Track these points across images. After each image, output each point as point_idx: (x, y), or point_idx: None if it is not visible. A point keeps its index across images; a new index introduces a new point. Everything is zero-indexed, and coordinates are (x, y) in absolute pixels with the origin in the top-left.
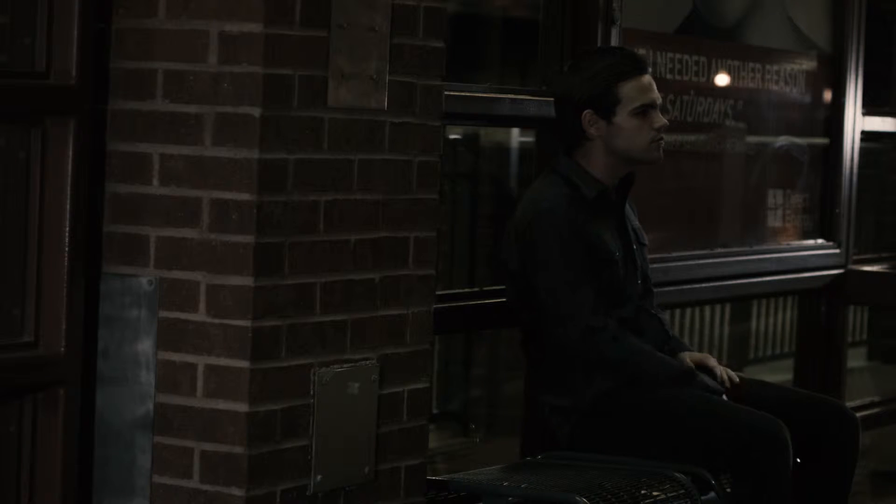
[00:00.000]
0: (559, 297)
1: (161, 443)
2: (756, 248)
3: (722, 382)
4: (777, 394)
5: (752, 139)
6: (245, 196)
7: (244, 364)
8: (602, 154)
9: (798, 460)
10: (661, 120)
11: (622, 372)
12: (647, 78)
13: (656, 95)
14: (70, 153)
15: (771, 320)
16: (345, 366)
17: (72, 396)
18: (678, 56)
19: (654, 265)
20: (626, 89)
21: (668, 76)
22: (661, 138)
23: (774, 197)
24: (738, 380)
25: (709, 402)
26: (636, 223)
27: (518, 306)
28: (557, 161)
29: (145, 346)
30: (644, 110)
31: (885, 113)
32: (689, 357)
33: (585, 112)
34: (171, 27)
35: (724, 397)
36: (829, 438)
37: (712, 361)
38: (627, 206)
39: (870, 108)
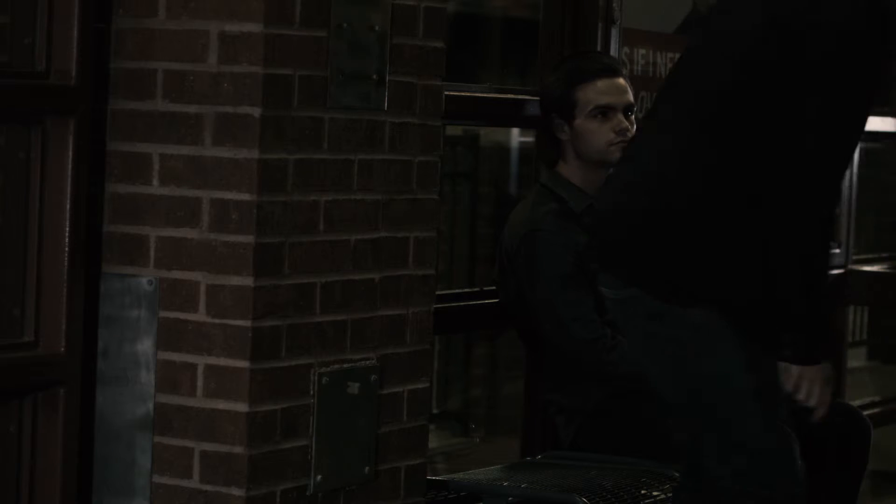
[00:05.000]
0: (554, 314)
1: (161, 443)
2: None
3: None
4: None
5: None
6: (245, 196)
7: (244, 364)
8: (573, 158)
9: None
10: (621, 123)
11: (624, 378)
12: (609, 81)
13: (619, 99)
14: (70, 153)
15: None
16: (345, 366)
17: (72, 396)
18: (678, 56)
19: None
20: (583, 92)
21: None
22: (622, 141)
23: None
24: None
25: None
26: None
27: (518, 323)
28: (542, 174)
29: (145, 346)
30: (604, 112)
31: (885, 113)
32: None
33: (552, 115)
34: (171, 27)
35: None
36: (841, 443)
37: None
38: None
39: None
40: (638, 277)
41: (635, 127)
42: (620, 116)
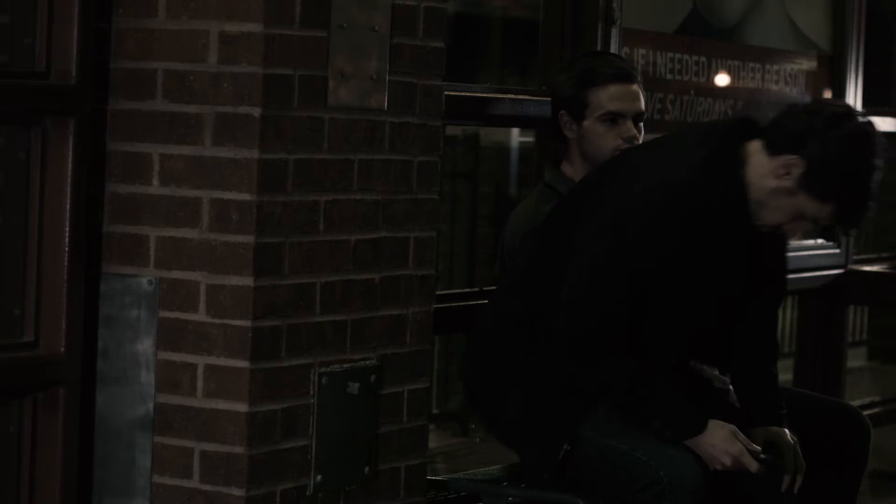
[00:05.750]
0: None
1: (161, 443)
2: None
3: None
4: (788, 397)
5: None
6: (245, 196)
7: (244, 364)
8: (578, 158)
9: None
10: (630, 130)
11: None
12: (623, 87)
13: (630, 106)
14: (70, 153)
15: None
16: (345, 366)
17: (72, 396)
18: (678, 56)
19: None
20: (596, 95)
21: (668, 76)
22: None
23: None
24: None
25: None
26: None
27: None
28: (545, 173)
29: (145, 346)
30: (613, 118)
31: (885, 113)
32: None
33: (561, 112)
34: (171, 27)
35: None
36: (841, 443)
37: None
38: None
39: (870, 108)
40: None
41: (642, 135)
42: (629, 124)
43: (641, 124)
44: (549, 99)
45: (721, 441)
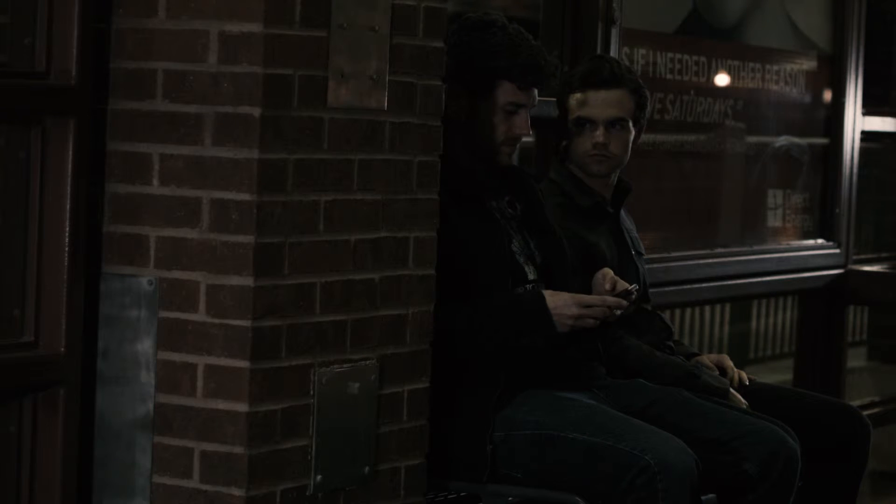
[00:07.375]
0: None
1: (161, 443)
2: (756, 248)
3: (731, 381)
4: (788, 397)
5: (752, 139)
6: (245, 196)
7: (244, 364)
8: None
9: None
10: (597, 137)
11: (626, 371)
12: (591, 94)
13: (597, 112)
14: (70, 153)
15: (771, 320)
16: (345, 366)
17: (72, 396)
18: (678, 56)
19: (655, 265)
20: (569, 100)
21: (668, 76)
22: (599, 154)
23: (774, 197)
24: (747, 382)
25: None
26: (634, 233)
27: None
28: (551, 169)
29: (145, 346)
30: (582, 123)
31: (885, 113)
32: (707, 359)
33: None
34: (171, 27)
35: (735, 398)
36: (841, 443)
37: (728, 362)
38: (624, 215)
39: (870, 108)
40: None
41: (633, 137)
42: (599, 130)
43: (626, 130)
44: (548, 99)
45: (562, 304)
